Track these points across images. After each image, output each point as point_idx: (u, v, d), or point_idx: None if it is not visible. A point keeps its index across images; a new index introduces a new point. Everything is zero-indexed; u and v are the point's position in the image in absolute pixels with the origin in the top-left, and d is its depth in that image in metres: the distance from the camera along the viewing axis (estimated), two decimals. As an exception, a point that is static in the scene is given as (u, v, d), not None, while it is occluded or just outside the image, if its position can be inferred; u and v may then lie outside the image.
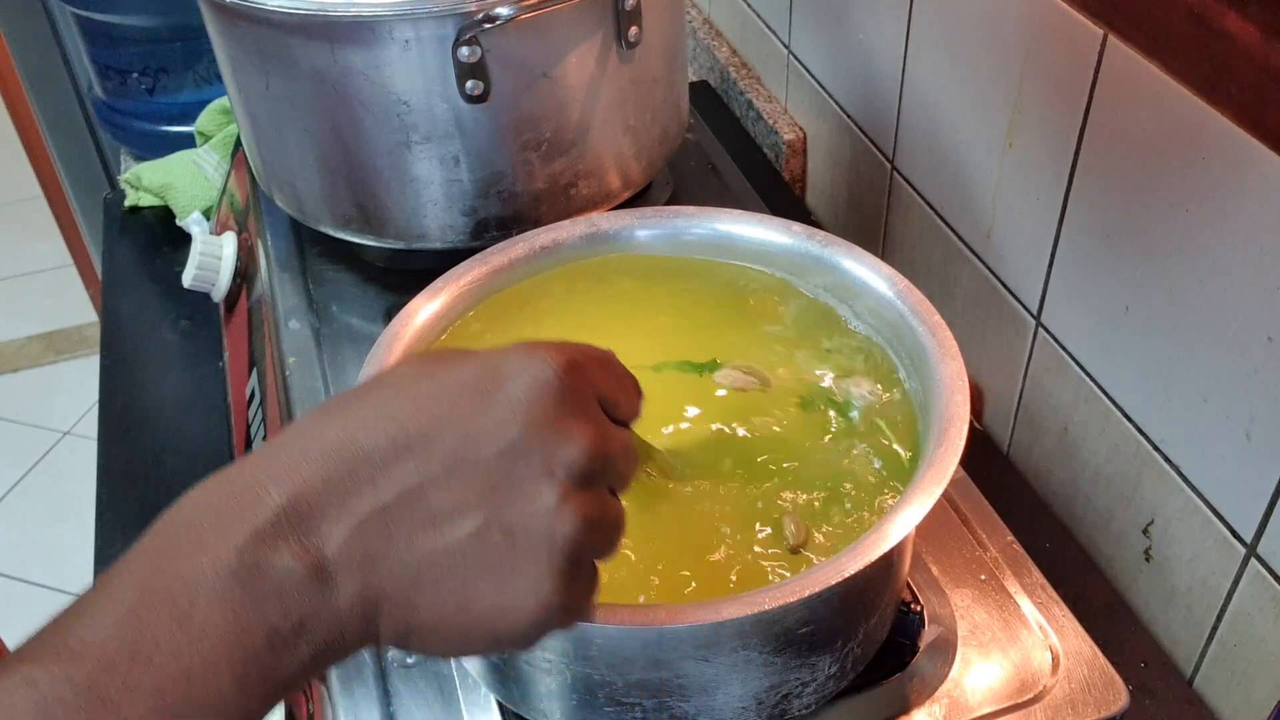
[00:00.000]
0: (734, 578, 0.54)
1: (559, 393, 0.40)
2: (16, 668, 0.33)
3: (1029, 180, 0.77)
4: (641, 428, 0.48)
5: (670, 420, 0.61)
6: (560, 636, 0.52)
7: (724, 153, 1.00)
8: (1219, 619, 0.68)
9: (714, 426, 0.61)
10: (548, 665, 0.54)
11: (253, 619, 0.35)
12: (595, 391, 0.42)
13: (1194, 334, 0.65)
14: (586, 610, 0.42)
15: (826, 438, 0.61)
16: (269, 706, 0.36)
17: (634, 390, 0.45)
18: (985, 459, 0.87)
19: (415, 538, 0.37)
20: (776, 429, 0.61)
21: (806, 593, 0.47)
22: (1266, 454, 0.61)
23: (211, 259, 0.95)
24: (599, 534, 0.40)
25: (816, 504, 0.57)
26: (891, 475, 0.58)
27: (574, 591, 0.40)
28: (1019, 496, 0.84)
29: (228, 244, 0.97)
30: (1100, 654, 0.61)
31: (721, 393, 0.63)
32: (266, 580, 0.35)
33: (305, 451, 0.37)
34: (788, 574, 0.54)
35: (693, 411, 0.62)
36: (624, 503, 0.43)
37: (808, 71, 1.10)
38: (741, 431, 0.61)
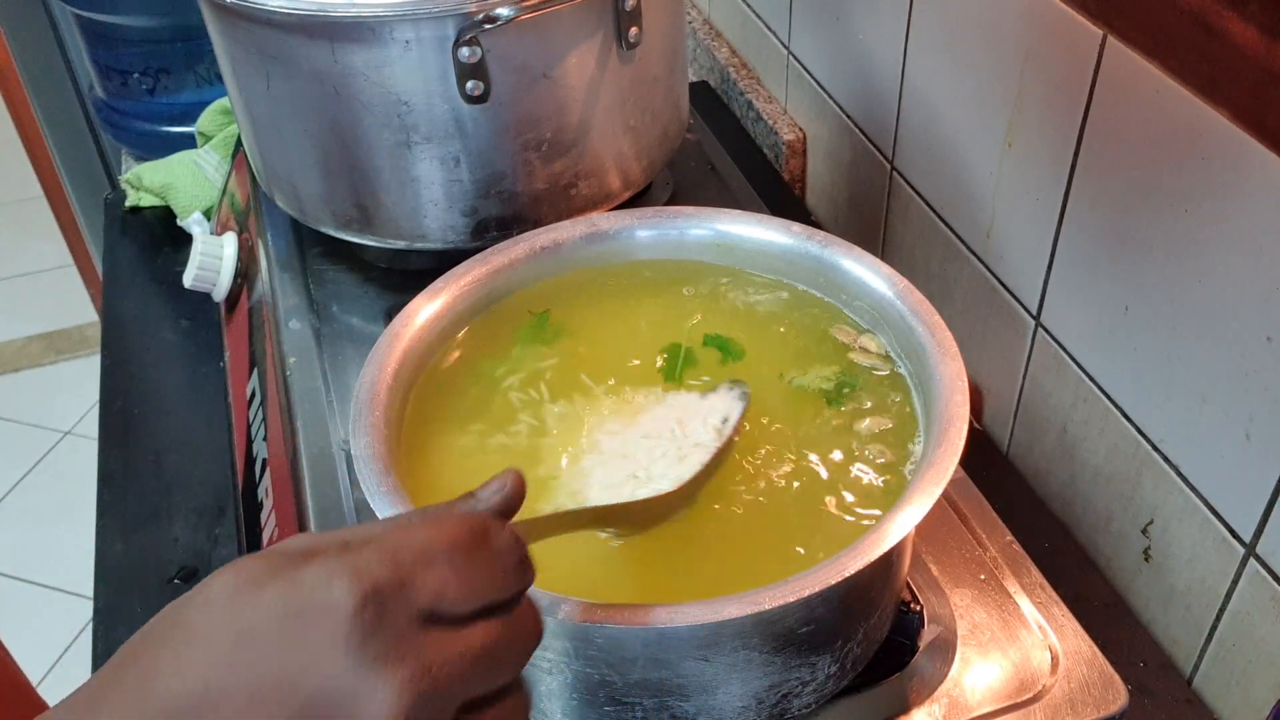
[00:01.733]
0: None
1: (357, 635, 0.34)
2: None
3: (1029, 180, 0.77)
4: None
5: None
6: (561, 635, 0.52)
7: (724, 153, 1.00)
8: (1218, 619, 0.68)
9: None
10: (548, 665, 0.54)
11: None
12: (416, 610, 0.35)
13: (1193, 334, 0.65)
14: None
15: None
16: None
17: (497, 568, 0.38)
18: (985, 459, 0.87)
19: None
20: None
21: (806, 593, 0.47)
22: (1266, 454, 0.62)
23: (212, 259, 0.95)
24: None
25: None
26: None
27: None
28: (1018, 496, 0.84)
29: (228, 244, 0.97)
30: (1099, 654, 0.61)
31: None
32: None
33: (107, 711, 0.34)
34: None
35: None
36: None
37: (808, 72, 1.10)
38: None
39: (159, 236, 1.18)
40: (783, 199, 1.13)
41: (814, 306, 0.68)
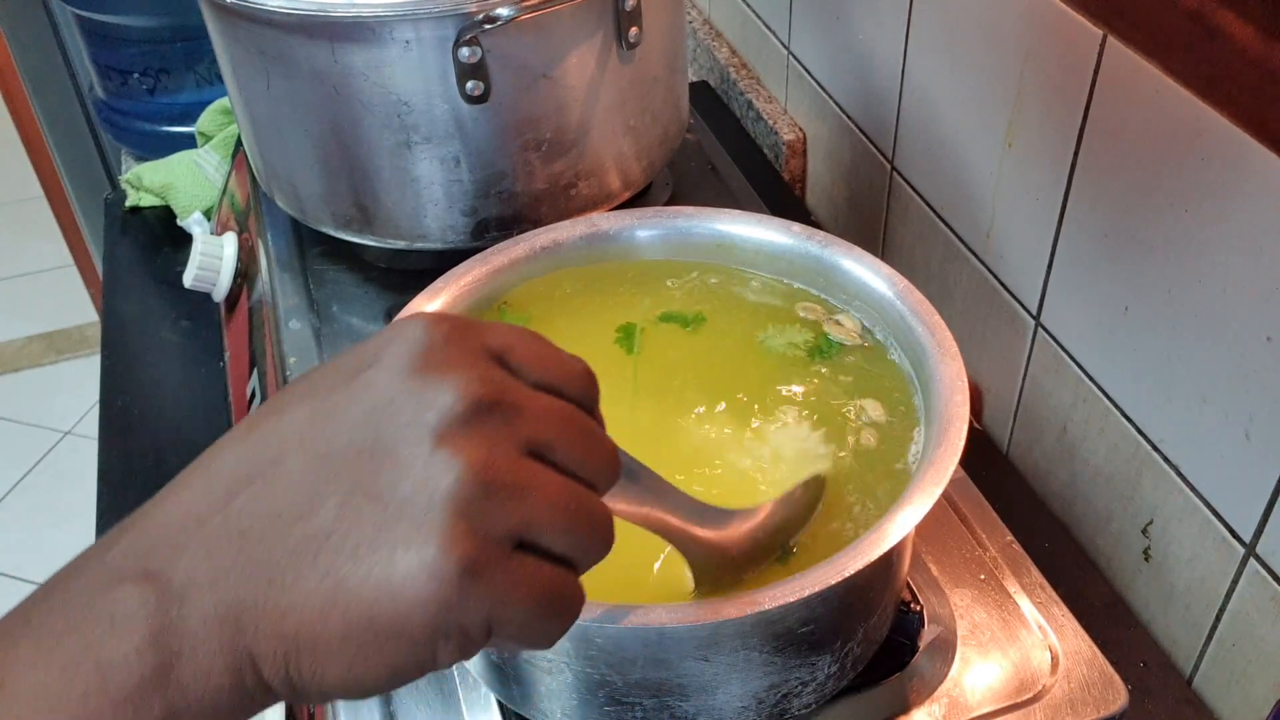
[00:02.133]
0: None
1: (428, 346, 0.34)
2: None
3: (1028, 180, 0.77)
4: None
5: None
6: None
7: (724, 153, 1.00)
8: (1218, 619, 0.69)
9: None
10: (548, 665, 0.54)
11: (89, 657, 0.30)
12: (484, 346, 0.35)
13: (1193, 334, 0.65)
14: (525, 601, 0.33)
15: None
16: None
17: (566, 362, 0.37)
18: (985, 459, 0.87)
19: (270, 532, 0.31)
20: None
21: (806, 592, 0.47)
22: (1265, 454, 0.62)
23: (212, 259, 0.95)
24: (510, 491, 0.32)
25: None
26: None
27: (479, 557, 0.31)
28: (1018, 496, 0.85)
29: (228, 244, 0.97)
30: (1099, 653, 0.61)
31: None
32: (102, 614, 0.31)
33: (162, 499, 0.33)
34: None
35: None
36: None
37: (807, 72, 1.10)
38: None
39: (159, 236, 1.18)
40: (783, 199, 1.13)
41: (792, 293, 0.68)
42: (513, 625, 0.33)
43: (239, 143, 1.00)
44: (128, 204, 1.20)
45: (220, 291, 0.97)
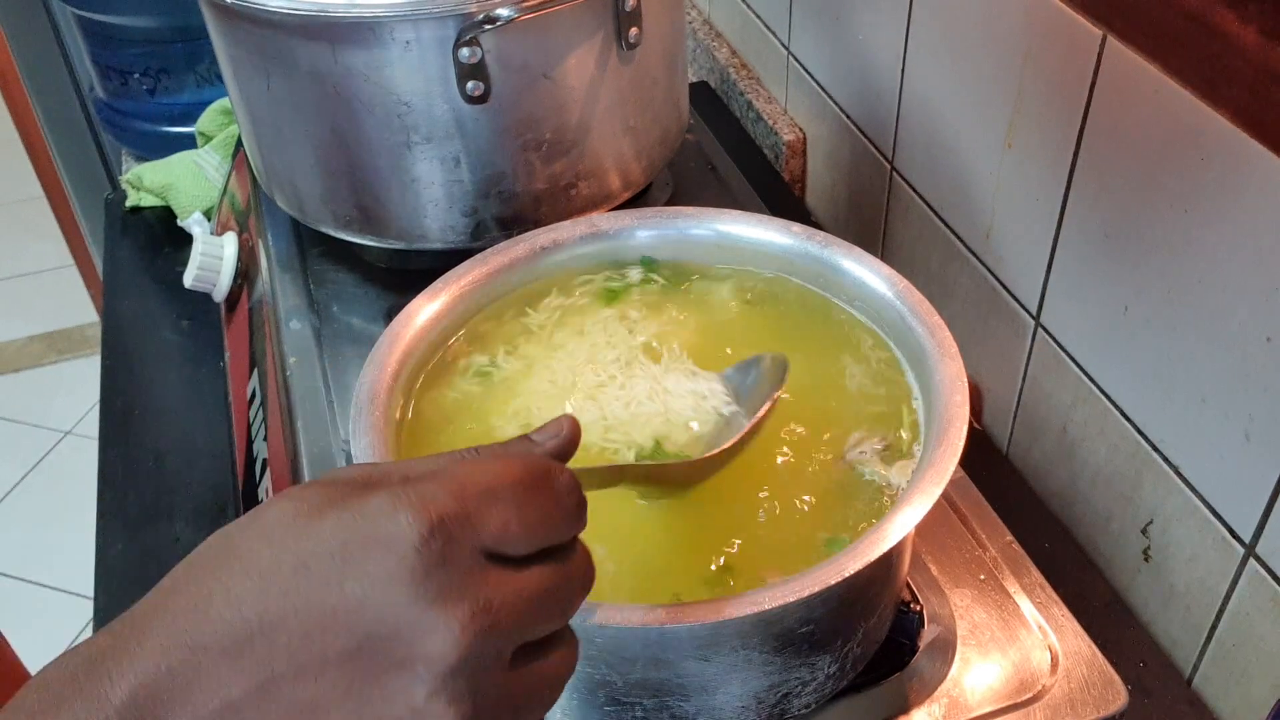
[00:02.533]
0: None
1: (420, 568, 0.33)
2: None
3: (1028, 180, 0.77)
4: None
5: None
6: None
7: (724, 153, 1.00)
8: (1218, 619, 0.69)
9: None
10: (548, 665, 0.54)
11: None
12: (479, 547, 0.35)
13: (1193, 334, 0.65)
14: None
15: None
16: None
17: (557, 510, 0.37)
18: (985, 459, 0.87)
19: None
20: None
21: (806, 592, 0.47)
22: (1265, 454, 0.62)
23: (212, 259, 0.95)
24: (513, 709, 0.35)
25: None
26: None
27: None
28: (1018, 496, 0.85)
29: (229, 244, 0.97)
30: (1099, 653, 0.61)
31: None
32: None
33: (146, 639, 0.34)
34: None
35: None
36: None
37: (807, 72, 1.10)
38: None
39: (159, 236, 1.18)
40: (783, 199, 1.13)
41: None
42: None
43: (239, 143, 1.00)
44: (128, 204, 1.20)
45: (220, 292, 0.97)
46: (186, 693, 0.33)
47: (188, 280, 0.95)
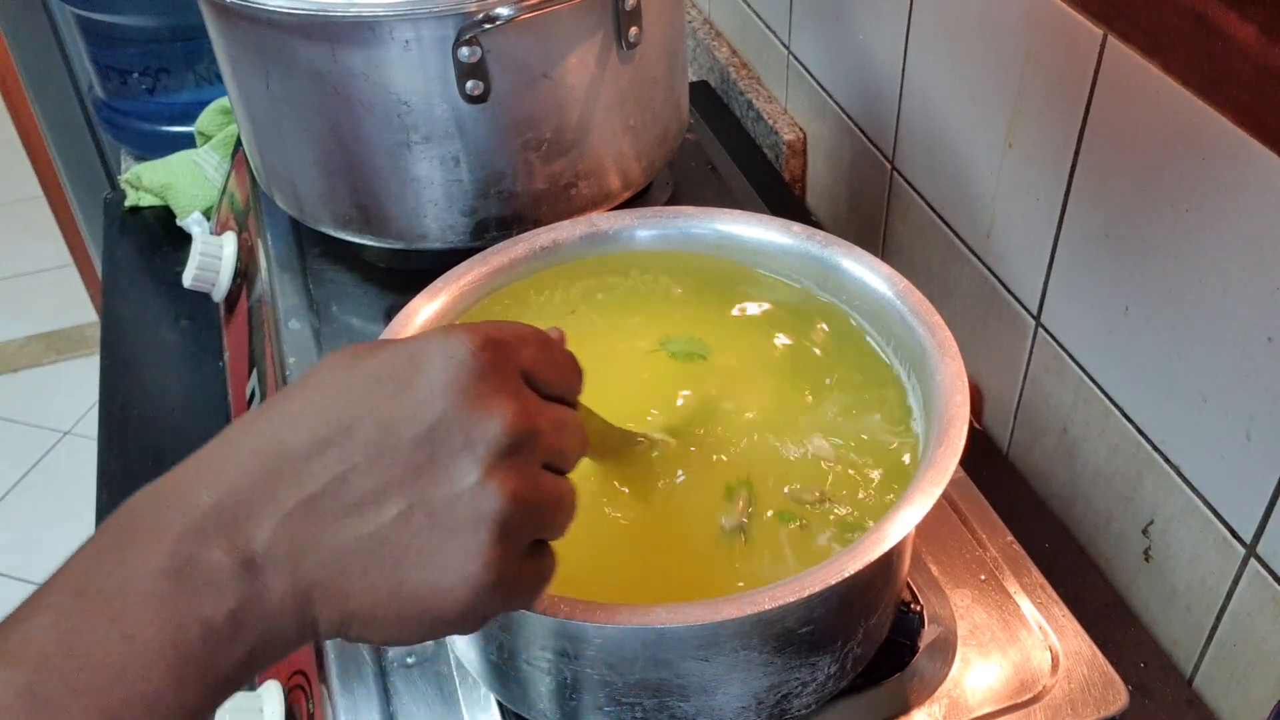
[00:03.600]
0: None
1: (475, 371, 0.40)
2: None
3: (1029, 180, 0.77)
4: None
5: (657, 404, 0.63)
6: (560, 635, 0.52)
7: (724, 153, 1.00)
8: (1218, 619, 0.68)
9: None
10: (547, 664, 0.54)
11: (185, 615, 0.35)
12: (518, 367, 0.42)
13: (1194, 334, 0.65)
14: (531, 591, 0.42)
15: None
16: (212, 705, 0.37)
17: (567, 366, 0.45)
18: (985, 459, 0.87)
19: (341, 526, 0.38)
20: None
21: (806, 593, 0.47)
22: (1266, 454, 0.62)
23: (212, 259, 0.95)
24: (534, 510, 0.40)
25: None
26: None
27: (509, 570, 0.40)
28: (1019, 496, 0.84)
29: (228, 244, 0.97)
30: (1100, 654, 0.61)
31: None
32: (197, 577, 0.36)
33: (233, 453, 0.39)
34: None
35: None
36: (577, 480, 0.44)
37: (808, 72, 1.10)
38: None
39: (159, 236, 1.18)
40: (783, 199, 1.13)
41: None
42: (521, 607, 0.43)
43: (239, 143, 1.00)
44: (127, 204, 1.20)
45: (220, 291, 0.97)
46: (270, 490, 0.38)
47: (187, 280, 0.95)
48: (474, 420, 0.39)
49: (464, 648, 0.60)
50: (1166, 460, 0.70)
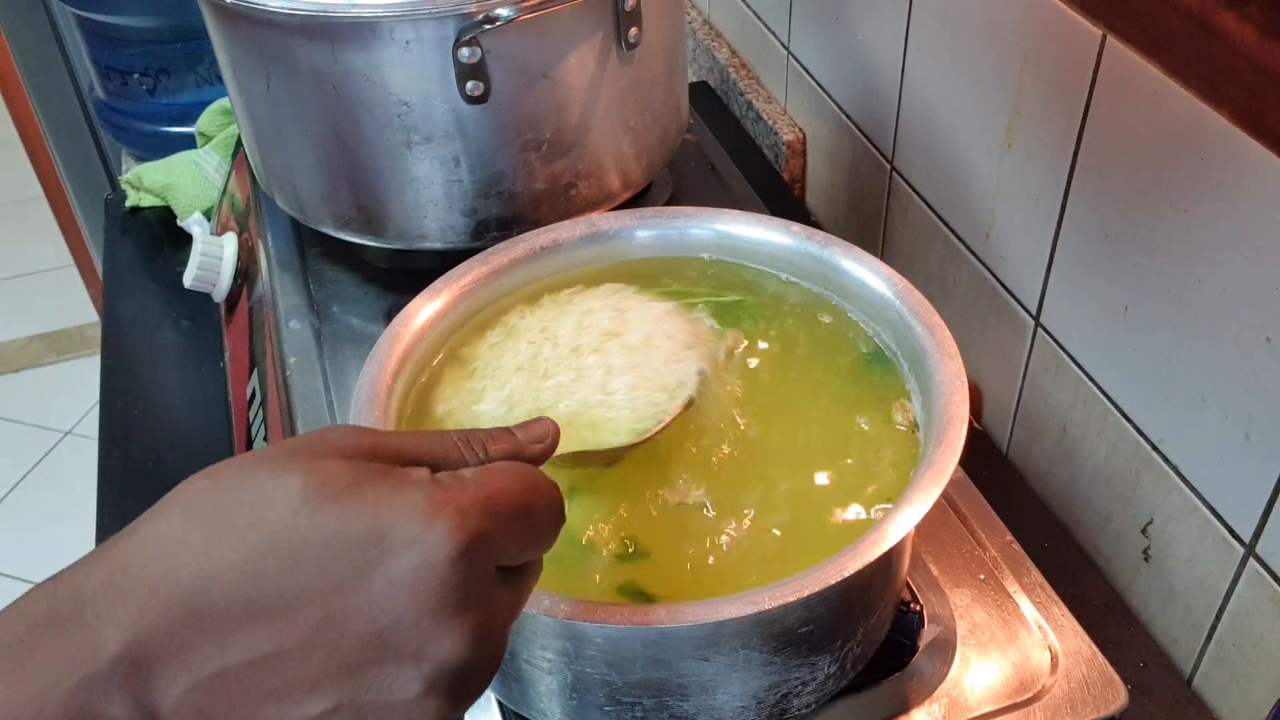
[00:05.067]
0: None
1: (447, 583, 0.35)
2: None
3: (1028, 180, 0.77)
4: None
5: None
6: (560, 635, 0.52)
7: (724, 153, 1.00)
8: (1218, 618, 0.69)
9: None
10: (548, 665, 0.54)
11: None
12: (498, 562, 0.37)
13: (1193, 334, 0.65)
14: None
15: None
16: None
17: (551, 528, 0.40)
18: (985, 459, 0.87)
19: (257, 710, 0.34)
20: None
21: (806, 592, 0.47)
22: (1265, 454, 0.62)
23: (212, 259, 0.95)
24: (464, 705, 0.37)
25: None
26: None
27: None
28: (1018, 496, 0.85)
29: (228, 244, 0.97)
30: (1099, 653, 0.61)
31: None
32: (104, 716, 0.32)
33: (154, 591, 0.33)
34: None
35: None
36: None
37: (807, 72, 1.10)
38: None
39: (159, 236, 1.18)
40: (782, 199, 1.13)
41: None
42: None
43: (239, 143, 1.00)
44: (128, 204, 1.20)
45: (220, 292, 0.97)
46: (186, 649, 0.33)
47: (187, 280, 0.95)
48: (431, 638, 0.35)
49: (464, 647, 0.60)
50: (1165, 460, 0.70)
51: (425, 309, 0.64)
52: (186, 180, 1.15)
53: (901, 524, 0.50)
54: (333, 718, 0.34)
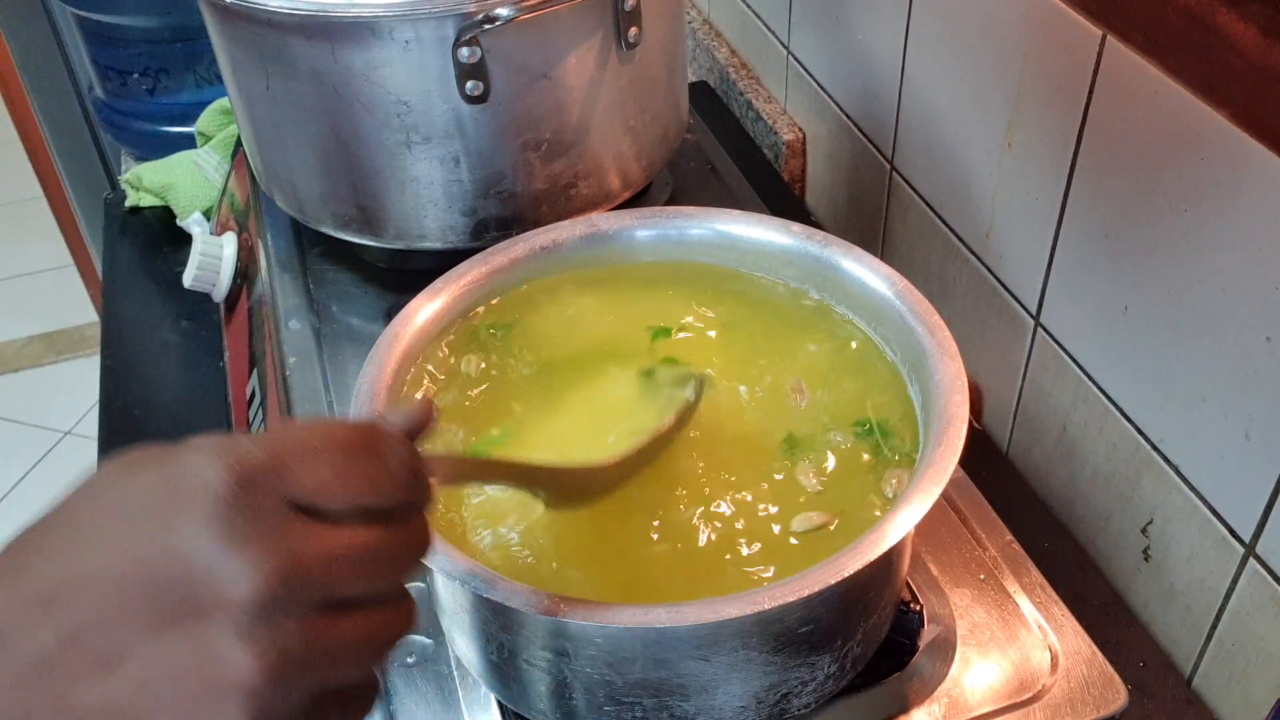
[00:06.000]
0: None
1: (226, 517, 0.34)
2: None
3: (1028, 180, 0.77)
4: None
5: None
6: (560, 635, 0.52)
7: (724, 153, 1.00)
8: (1218, 618, 0.69)
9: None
10: (548, 664, 0.54)
11: None
12: (286, 497, 0.35)
13: (1193, 334, 0.65)
14: None
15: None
16: None
17: (388, 476, 0.38)
18: (985, 459, 0.87)
19: (77, 687, 0.33)
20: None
21: (806, 592, 0.47)
22: (1265, 453, 0.62)
23: (212, 259, 0.95)
24: (305, 670, 0.35)
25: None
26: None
27: None
28: (1018, 496, 0.85)
29: (228, 244, 0.97)
30: (1099, 653, 0.61)
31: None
32: None
33: None
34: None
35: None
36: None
37: (807, 72, 1.10)
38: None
39: (159, 237, 1.18)
40: (782, 199, 1.13)
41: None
42: None
43: (239, 143, 1.00)
44: (127, 204, 1.20)
45: (220, 292, 0.97)
46: (3, 646, 0.33)
47: (187, 280, 0.95)
48: (219, 579, 0.34)
49: (464, 647, 0.60)
50: (1165, 460, 0.70)
51: (425, 309, 0.64)
52: (186, 180, 1.15)
53: (901, 524, 0.50)
54: (151, 686, 0.33)
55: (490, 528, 0.56)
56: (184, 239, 1.07)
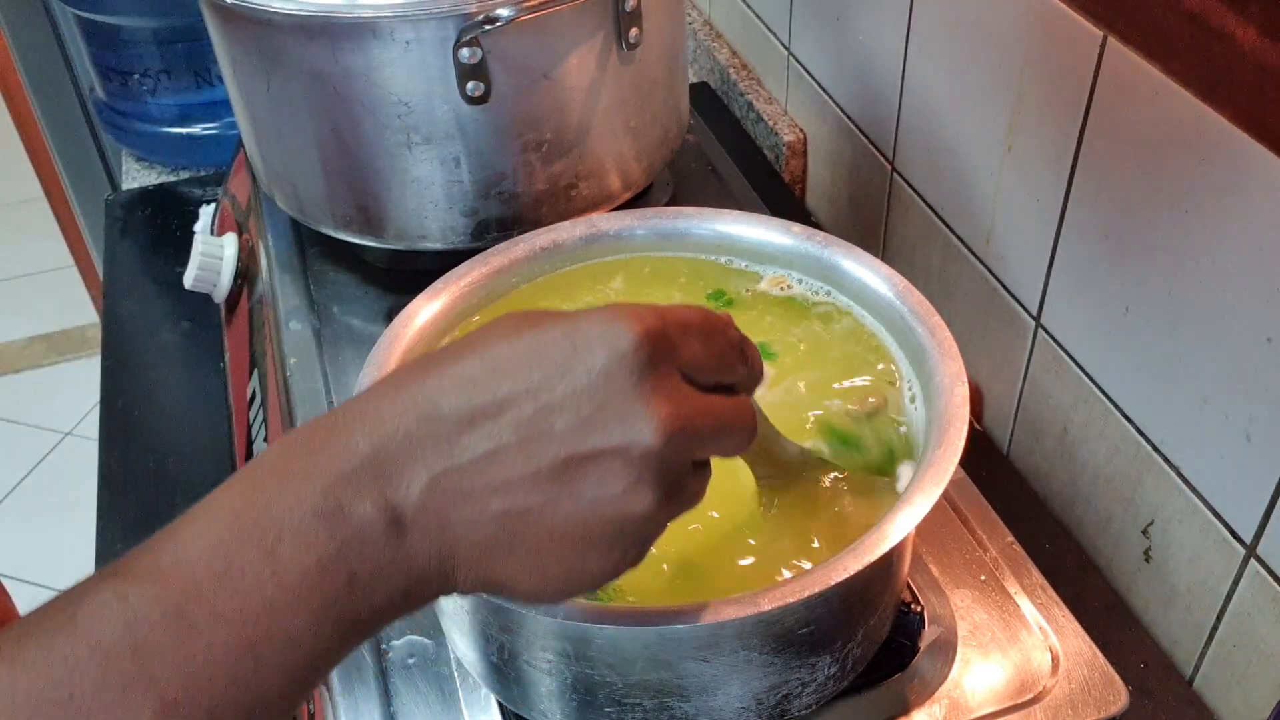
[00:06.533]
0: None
1: (634, 366, 0.39)
2: (110, 582, 0.35)
3: (1029, 182, 0.77)
4: None
5: None
6: (561, 636, 0.52)
7: (724, 154, 1.00)
8: (1219, 619, 0.68)
9: None
10: (548, 665, 0.54)
11: (333, 563, 0.36)
12: (678, 363, 0.41)
13: (1194, 334, 0.65)
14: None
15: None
16: (347, 648, 0.38)
17: (733, 355, 0.44)
18: (985, 459, 0.87)
19: (487, 502, 0.39)
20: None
21: (806, 593, 0.47)
22: (1266, 454, 0.62)
23: (212, 260, 0.95)
24: (676, 508, 0.42)
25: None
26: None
27: (641, 556, 0.42)
28: (1019, 497, 0.84)
29: (229, 245, 0.97)
30: (1100, 654, 0.61)
31: None
32: (348, 525, 0.37)
33: (391, 406, 0.39)
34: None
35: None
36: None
37: (808, 73, 1.10)
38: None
39: (159, 237, 1.18)
40: (783, 200, 1.13)
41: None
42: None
43: (239, 142, 1.00)
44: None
45: (220, 292, 0.97)
46: (420, 451, 0.38)
47: (188, 281, 0.95)
48: (628, 422, 0.39)
49: (465, 648, 0.60)
50: (1166, 461, 0.70)
51: (425, 309, 0.64)
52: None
53: (902, 524, 0.50)
54: (556, 508, 0.39)
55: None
56: (184, 239, 1.07)
